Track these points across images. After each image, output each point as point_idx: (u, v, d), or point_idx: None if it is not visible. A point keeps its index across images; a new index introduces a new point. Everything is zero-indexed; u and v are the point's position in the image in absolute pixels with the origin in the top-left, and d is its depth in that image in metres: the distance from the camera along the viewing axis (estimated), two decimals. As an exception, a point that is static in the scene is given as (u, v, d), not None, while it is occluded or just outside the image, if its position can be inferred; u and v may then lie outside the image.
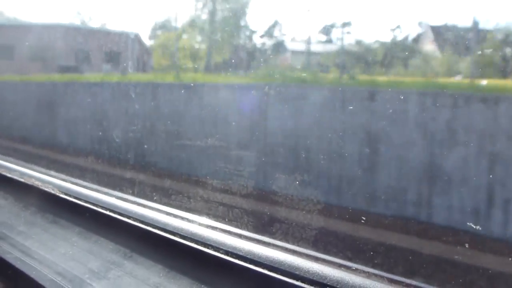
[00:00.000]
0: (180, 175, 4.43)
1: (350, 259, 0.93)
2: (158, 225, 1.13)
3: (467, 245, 2.94)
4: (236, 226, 1.10)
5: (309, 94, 4.40)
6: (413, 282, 0.87)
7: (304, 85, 4.80)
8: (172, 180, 4.23)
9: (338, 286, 0.83)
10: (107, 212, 1.28)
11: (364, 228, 3.29)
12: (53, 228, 1.35)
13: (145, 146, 4.59)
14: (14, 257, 1.18)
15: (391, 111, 3.94)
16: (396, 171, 3.86)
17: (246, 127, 4.37)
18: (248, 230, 1.09)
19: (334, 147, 4.03)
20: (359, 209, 4.00)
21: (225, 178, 2.39)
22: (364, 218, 3.43)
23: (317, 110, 4.26)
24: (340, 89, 4.44)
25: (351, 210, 3.89)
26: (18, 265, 1.13)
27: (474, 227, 3.49)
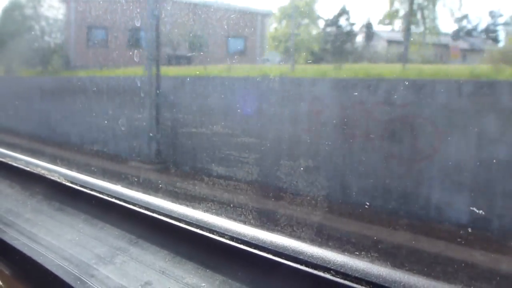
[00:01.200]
0: None
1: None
2: (163, 211, 1.14)
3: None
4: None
5: None
6: (416, 268, 0.88)
7: None
8: None
9: (341, 271, 0.84)
10: (113, 200, 1.29)
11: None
12: (59, 215, 1.37)
13: None
14: (21, 243, 1.19)
15: None
16: None
17: None
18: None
19: None
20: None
21: None
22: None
23: None
24: None
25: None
26: (25, 250, 1.15)
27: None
